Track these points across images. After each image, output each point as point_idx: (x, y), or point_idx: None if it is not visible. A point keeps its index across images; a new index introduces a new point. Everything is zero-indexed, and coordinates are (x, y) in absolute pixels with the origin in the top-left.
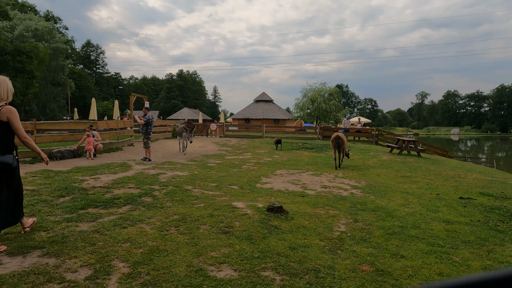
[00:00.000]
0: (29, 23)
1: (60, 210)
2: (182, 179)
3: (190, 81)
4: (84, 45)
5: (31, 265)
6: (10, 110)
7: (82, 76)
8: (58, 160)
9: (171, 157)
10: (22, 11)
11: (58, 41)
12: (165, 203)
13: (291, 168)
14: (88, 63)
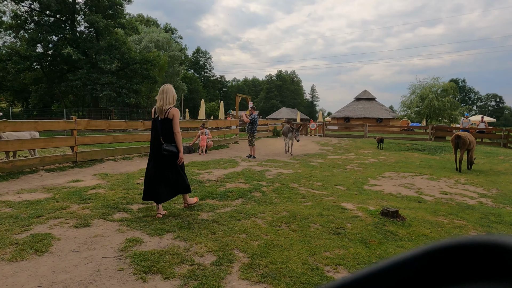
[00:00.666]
0: (152, 35)
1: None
2: (287, 177)
3: (288, 81)
4: (195, 52)
5: (166, 246)
6: (175, 111)
7: (192, 80)
8: None
9: (274, 155)
10: (147, 25)
11: (174, 49)
12: (274, 199)
13: (401, 170)
14: (198, 68)
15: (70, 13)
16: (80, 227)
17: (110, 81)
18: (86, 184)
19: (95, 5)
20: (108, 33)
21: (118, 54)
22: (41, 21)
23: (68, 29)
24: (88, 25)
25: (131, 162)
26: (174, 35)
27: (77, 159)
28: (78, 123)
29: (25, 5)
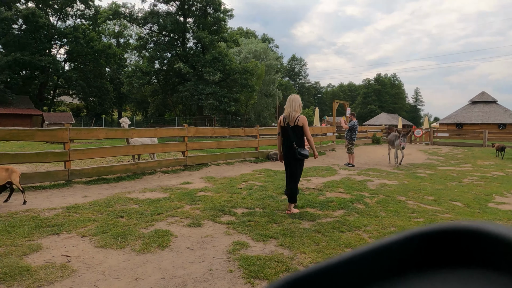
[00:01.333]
0: (250, 46)
1: (284, 206)
2: (392, 189)
3: (388, 85)
4: (290, 60)
5: (270, 253)
6: (304, 118)
7: (287, 87)
8: (274, 161)
9: (374, 164)
10: (246, 37)
11: (271, 58)
12: (379, 212)
13: None
14: (293, 75)
15: (182, 32)
16: (193, 226)
17: (213, 91)
18: (196, 186)
19: (202, 23)
20: (212, 47)
21: (221, 65)
22: (158, 41)
23: (179, 46)
24: (196, 41)
25: (232, 167)
26: (271, 44)
27: (187, 163)
28: (188, 131)
29: (147, 28)
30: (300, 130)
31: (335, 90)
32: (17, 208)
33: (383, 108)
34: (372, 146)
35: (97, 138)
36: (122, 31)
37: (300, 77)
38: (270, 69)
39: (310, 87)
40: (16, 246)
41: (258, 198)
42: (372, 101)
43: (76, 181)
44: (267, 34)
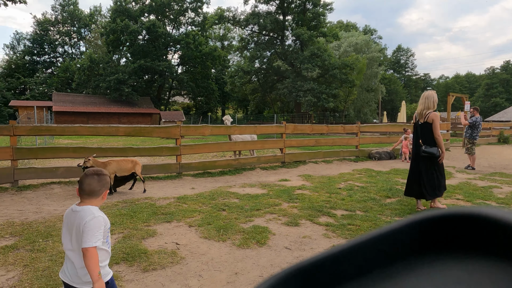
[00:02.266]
0: (351, 39)
1: (389, 211)
2: None
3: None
4: (395, 51)
5: None
6: (435, 115)
7: (391, 81)
8: (376, 160)
9: (501, 167)
10: (346, 30)
11: (373, 50)
12: None
13: None
14: (398, 67)
15: (281, 30)
16: (291, 225)
17: (311, 87)
18: (293, 184)
19: (301, 19)
20: (311, 43)
21: (319, 61)
22: (258, 40)
23: (278, 44)
24: (294, 38)
25: (331, 165)
26: (373, 36)
27: (285, 160)
28: (286, 128)
29: (248, 29)
30: (429, 126)
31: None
32: (139, 196)
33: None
34: (498, 146)
35: (203, 135)
36: (226, 34)
37: (407, 69)
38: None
39: (418, 79)
40: (136, 230)
41: (359, 200)
42: (498, 93)
43: (185, 174)
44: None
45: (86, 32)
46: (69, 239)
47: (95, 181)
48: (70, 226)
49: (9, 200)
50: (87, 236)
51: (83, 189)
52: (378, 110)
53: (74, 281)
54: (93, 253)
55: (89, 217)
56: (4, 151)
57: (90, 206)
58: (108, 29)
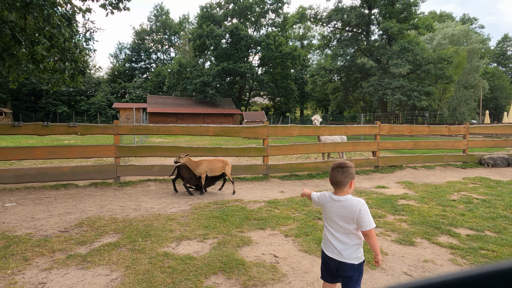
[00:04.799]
0: (446, 30)
1: None
2: None
3: None
4: (500, 41)
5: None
6: None
7: (495, 75)
8: (490, 167)
9: None
10: (440, 21)
11: (474, 41)
12: None
13: None
14: (503, 60)
15: (366, 25)
16: (404, 244)
17: (401, 84)
18: (393, 192)
19: (389, 12)
20: (400, 37)
21: (410, 56)
22: (341, 37)
23: (363, 40)
24: (381, 32)
25: (433, 171)
26: (473, 25)
27: (378, 164)
28: (381, 128)
29: (330, 26)
30: None
31: None
32: (228, 197)
33: None
34: None
35: (291, 135)
36: (306, 33)
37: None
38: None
39: None
40: (231, 235)
41: (486, 218)
42: None
43: (272, 175)
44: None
45: (176, 39)
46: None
47: (339, 173)
48: (336, 212)
49: (112, 196)
50: (366, 220)
51: (331, 181)
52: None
53: (346, 257)
54: (374, 233)
55: (359, 204)
56: (109, 149)
57: (349, 196)
58: (195, 34)
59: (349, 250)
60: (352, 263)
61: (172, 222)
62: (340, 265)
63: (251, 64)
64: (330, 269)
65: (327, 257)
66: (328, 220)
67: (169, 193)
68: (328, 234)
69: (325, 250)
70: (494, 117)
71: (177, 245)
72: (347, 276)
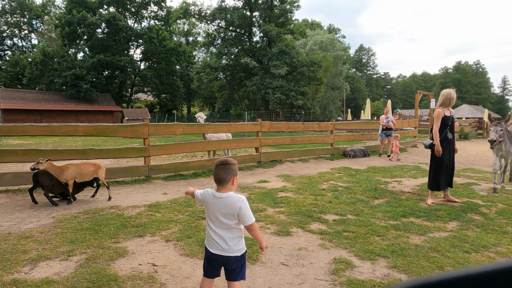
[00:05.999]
0: (316, 37)
1: (381, 213)
2: (507, 194)
3: (470, 73)
4: (357, 50)
5: (384, 277)
6: (436, 111)
7: (354, 79)
8: (351, 158)
9: (470, 163)
10: (311, 28)
11: (338, 49)
12: (505, 226)
13: None
14: (360, 66)
15: (248, 26)
16: (282, 235)
17: (280, 84)
18: (274, 185)
19: (268, 16)
20: (279, 40)
21: (287, 58)
22: (225, 36)
23: (246, 40)
24: (262, 34)
25: (308, 164)
26: (337, 35)
27: (261, 160)
28: (262, 126)
29: (215, 24)
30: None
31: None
32: (103, 204)
33: (464, 99)
34: (460, 142)
35: (174, 134)
36: (191, 30)
37: (368, 68)
38: (337, 60)
39: (379, 78)
40: (103, 248)
41: (348, 203)
42: None
43: (155, 177)
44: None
45: (39, 24)
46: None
47: (222, 170)
48: (218, 209)
49: None
50: (247, 216)
51: (214, 179)
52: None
53: (229, 251)
54: (255, 225)
55: (240, 201)
56: None
57: (231, 193)
58: (63, 21)
59: (232, 244)
60: (235, 256)
61: (27, 241)
62: (224, 260)
63: (132, 58)
64: (213, 265)
65: (211, 254)
66: (210, 217)
67: (26, 205)
68: (211, 232)
69: (208, 248)
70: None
71: (31, 268)
72: (233, 268)
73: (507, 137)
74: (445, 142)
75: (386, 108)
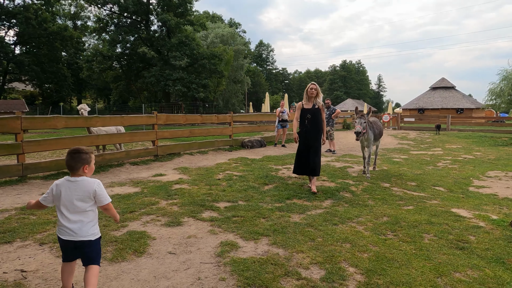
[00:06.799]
0: (217, 30)
1: (269, 198)
2: (374, 175)
3: (353, 71)
4: (257, 45)
5: (264, 253)
6: (297, 105)
7: (255, 73)
8: (249, 148)
9: (349, 149)
10: (213, 21)
11: (239, 43)
12: (367, 201)
13: (508, 169)
14: (260, 61)
15: (145, 14)
16: (172, 225)
17: (181, 76)
18: (170, 178)
19: (166, 5)
20: (178, 31)
21: (188, 50)
22: (120, 23)
23: (143, 29)
24: (160, 24)
25: (207, 156)
26: (238, 29)
27: (158, 153)
28: (158, 118)
29: (106, 9)
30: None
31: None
32: None
33: (349, 94)
34: (343, 132)
35: (55, 128)
36: (79, 13)
37: (268, 63)
38: (238, 55)
39: (278, 73)
40: None
41: (240, 190)
42: (338, 87)
43: (32, 177)
44: (234, 19)
45: None
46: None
47: (71, 159)
48: (73, 193)
49: None
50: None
51: (66, 165)
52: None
53: (82, 235)
54: (111, 205)
55: (95, 184)
56: None
57: (84, 177)
58: None
59: (85, 228)
60: (89, 240)
61: None
62: (77, 245)
63: (4, 40)
64: (68, 251)
65: (64, 241)
66: (65, 204)
67: None
68: (62, 220)
69: (61, 236)
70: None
71: None
72: (86, 252)
73: (368, 127)
74: (302, 133)
75: (282, 101)
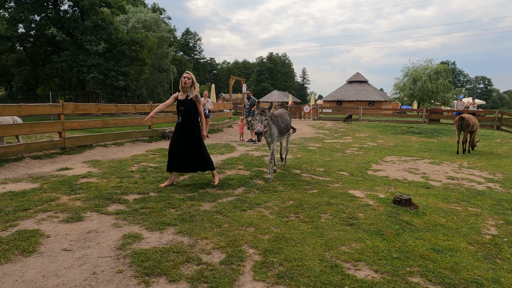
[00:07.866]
0: (139, 15)
1: (182, 188)
2: (288, 162)
3: (279, 64)
4: (184, 33)
5: (168, 242)
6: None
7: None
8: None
9: None
10: (134, 5)
11: (163, 30)
12: (277, 187)
13: (402, 154)
14: (187, 50)
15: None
16: (72, 221)
17: (97, 63)
18: (76, 172)
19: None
20: (93, 13)
21: (104, 34)
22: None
23: (51, 8)
24: (72, 3)
25: (123, 148)
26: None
27: (65, 145)
28: (65, 107)
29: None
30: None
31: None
32: None
33: (276, 86)
34: None
35: None
36: None
37: (195, 52)
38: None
39: (206, 63)
40: None
41: (153, 181)
42: (265, 78)
43: None
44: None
45: None
46: None
47: None
48: None
49: None
50: None
51: None
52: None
53: None
54: None
55: None
56: None
57: None
58: None
59: None
60: None
61: None
62: None
63: None
64: None
65: None
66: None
67: None
68: None
69: None
70: None
71: None
72: None
73: (271, 123)
74: (177, 125)
75: (205, 92)
